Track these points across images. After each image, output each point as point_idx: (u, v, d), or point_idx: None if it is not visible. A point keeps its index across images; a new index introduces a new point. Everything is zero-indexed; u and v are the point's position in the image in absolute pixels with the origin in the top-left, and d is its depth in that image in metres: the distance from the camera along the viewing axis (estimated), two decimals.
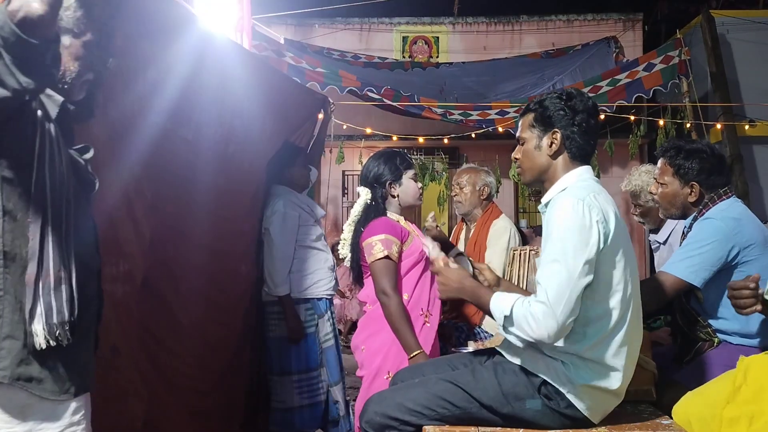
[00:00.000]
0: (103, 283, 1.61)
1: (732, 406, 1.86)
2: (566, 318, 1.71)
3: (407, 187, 2.64)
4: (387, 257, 2.45)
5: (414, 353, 2.35)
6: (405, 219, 2.68)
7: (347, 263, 2.72)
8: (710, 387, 2.00)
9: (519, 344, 1.83)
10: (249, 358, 3.18)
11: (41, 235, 1.37)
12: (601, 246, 1.75)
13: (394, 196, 2.63)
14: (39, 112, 1.40)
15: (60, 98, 1.47)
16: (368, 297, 2.56)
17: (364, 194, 2.65)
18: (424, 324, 2.51)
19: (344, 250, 2.70)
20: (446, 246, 3.21)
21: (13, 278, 1.36)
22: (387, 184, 2.62)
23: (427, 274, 2.57)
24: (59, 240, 1.40)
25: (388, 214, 2.62)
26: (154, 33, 2.18)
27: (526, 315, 1.74)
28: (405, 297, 2.49)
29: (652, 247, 3.44)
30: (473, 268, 2.23)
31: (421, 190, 2.71)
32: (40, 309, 1.35)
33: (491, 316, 1.88)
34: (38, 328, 1.35)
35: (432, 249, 2.12)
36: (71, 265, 1.42)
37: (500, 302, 1.83)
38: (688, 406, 1.97)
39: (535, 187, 2.02)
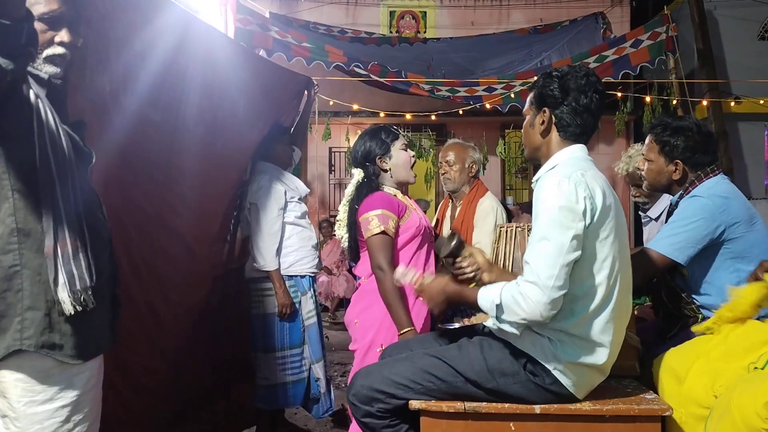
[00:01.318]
0: None
1: (702, 361, 1.92)
2: (555, 293, 1.72)
3: (398, 158, 2.62)
4: (383, 232, 2.44)
5: (404, 330, 2.35)
6: (402, 193, 2.65)
7: (344, 243, 2.70)
8: (688, 344, 2.08)
9: (516, 332, 1.81)
10: (211, 335, 3.18)
11: (54, 208, 1.45)
12: (588, 222, 1.75)
13: (386, 170, 2.61)
14: (31, 93, 1.45)
15: (45, 75, 1.51)
16: (364, 271, 2.56)
17: (357, 174, 2.63)
18: (417, 298, 2.51)
19: (340, 231, 2.69)
20: None
21: (29, 253, 1.45)
22: (377, 159, 2.60)
23: (422, 249, 2.57)
24: (70, 211, 1.47)
25: (384, 189, 2.60)
26: (131, 16, 2.15)
27: (515, 296, 1.75)
28: None
29: (642, 221, 3.47)
30: (464, 248, 2.21)
31: (413, 159, 2.67)
32: (63, 278, 1.44)
33: (481, 311, 1.90)
34: (64, 296, 1.44)
35: (406, 275, 2.16)
36: (85, 233, 1.51)
37: (488, 294, 1.84)
38: (664, 359, 2.07)
39: (534, 163, 2.02)
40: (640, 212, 3.55)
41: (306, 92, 3.75)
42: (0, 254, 1.43)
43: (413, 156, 2.68)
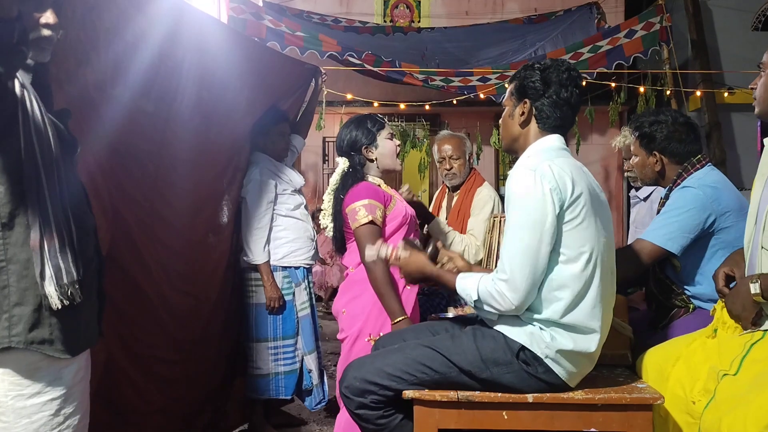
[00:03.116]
0: None
1: (681, 363, 1.95)
2: (528, 289, 1.77)
3: (384, 148, 2.62)
4: (371, 222, 2.44)
5: (398, 319, 2.36)
6: (385, 183, 2.65)
7: (328, 233, 2.69)
8: (669, 343, 2.10)
9: (493, 318, 1.89)
10: (223, 326, 3.18)
11: (39, 201, 1.41)
12: (557, 212, 1.77)
13: (372, 160, 2.61)
14: (16, 83, 1.41)
15: (32, 61, 1.47)
16: (351, 261, 2.56)
17: (342, 163, 2.63)
18: (405, 287, 2.51)
19: (325, 221, 2.68)
20: (426, 215, 3.22)
21: (14, 248, 1.40)
22: (363, 149, 2.60)
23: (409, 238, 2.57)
24: (56, 203, 1.44)
25: (369, 179, 2.60)
26: (122, 5, 2.13)
27: (492, 293, 1.81)
28: None
29: (631, 201, 3.50)
30: (439, 252, 2.23)
31: (399, 149, 2.67)
32: (49, 272, 1.40)
33: (459, 295, 1.96)
34: (51, 290, 1.41)
35: (381, 250, 2.16)
36: (71, 226, 1.47)
37: (466, 286, 1.90)
38: (649, 357, 2.09)
39: (511, 154, 2.04)
40: (630, 193, 3.58)
41: (313, 81, 3.70)
42: None
43: (399, 145, 2.69)
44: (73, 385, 1.53)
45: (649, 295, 2.54)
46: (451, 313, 2.87)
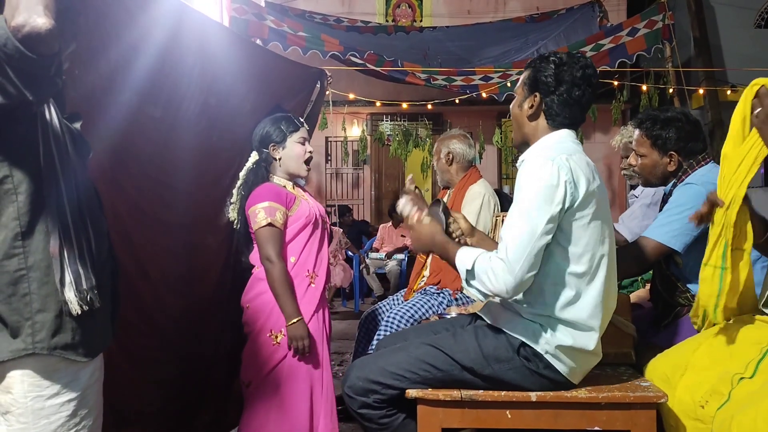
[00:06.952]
0: None
1: (690, 373, 1.93)
2: (524, 274, 1.74)
3: (291, 150, 2.64)
4: (270, 224, 2.47)
5: (293, 321, 2.38)
6: (294, 185, 2.68)
7: (236, 225, 2.74)
8: (675, 350, 2.08)
9: (480, 298, 1.88)
10: (219, 326, 3.19)
11: (59, 208, 1.42)
12: (566, 206, 1.76)
13: (276, 159, 2.64)
14: None
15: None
16: (257, 260, 2.60)
17: (252, 158, 2.67)
18: (309, 285, 2.54)
19: (233, 214, 2.73)
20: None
21: (35, 255, 1.41)
22: (270, 146, 2.64)
23: (314, 238, 2.59)
24: (74, 208, 1.45)
25: (274, 180, 2.63)
26: (128, 4, 2.13)
27: (486, 270, 1.79)
28: (292, 260, 2.52)
29: (629, 202, 3.50)
30: (449, 215, 2.23)
31: (309, 155, 2.69)
32: (69, 278, 1.41)
33: (456, 269, 1.92)
34: (70, 296, 1.42)
35: (404, 206, 2.14)
36: (89, 230, 1.49)
37: (464, 257, 1.87)
38: (656, 366, 2.06)
39: (522, 149, 2.02)
40: (629, 194, 3.58)
41: (318, 83, 3.71)
42: (4, 259, 1.39)
43: (310, 152, 2.70)
44: (88, 386, 1.54)
45: (654, 293, 2.54)
46: (453, 313, 2.87)
